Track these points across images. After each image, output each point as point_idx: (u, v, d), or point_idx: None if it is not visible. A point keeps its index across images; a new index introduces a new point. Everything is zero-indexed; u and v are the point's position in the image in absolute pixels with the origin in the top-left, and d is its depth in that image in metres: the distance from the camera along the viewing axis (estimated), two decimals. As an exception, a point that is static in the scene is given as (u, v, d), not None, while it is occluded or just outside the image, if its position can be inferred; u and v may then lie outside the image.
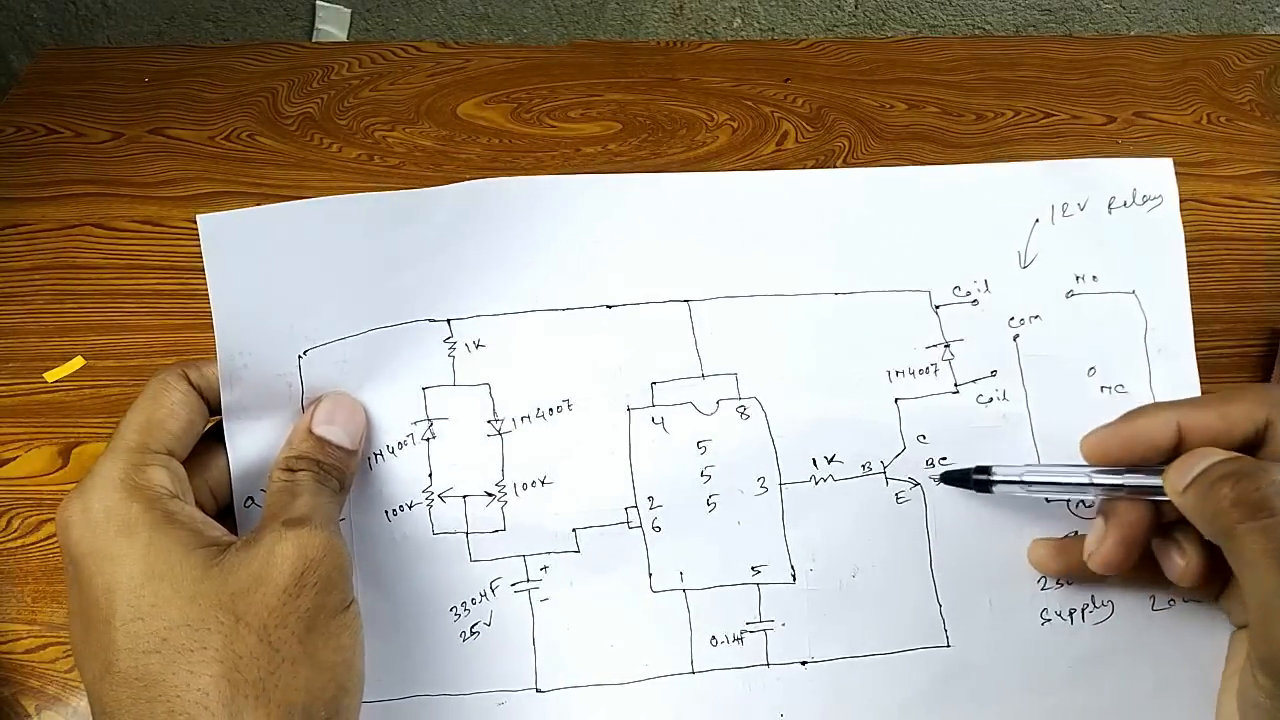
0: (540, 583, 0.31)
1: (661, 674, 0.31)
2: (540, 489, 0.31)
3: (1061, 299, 0.34)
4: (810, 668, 0.31)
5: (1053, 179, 0.34)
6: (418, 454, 0.31)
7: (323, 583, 0.25)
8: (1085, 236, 0.34)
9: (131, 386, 0.48)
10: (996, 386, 0.34)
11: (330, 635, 0.25)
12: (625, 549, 0.31)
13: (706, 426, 0.32)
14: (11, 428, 0.46)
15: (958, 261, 0.34)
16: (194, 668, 0.22)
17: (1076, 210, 0.35)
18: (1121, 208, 0.35)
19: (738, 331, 0.33)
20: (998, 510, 0.33)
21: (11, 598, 0.41)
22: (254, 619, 0.23)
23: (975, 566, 0.33)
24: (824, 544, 0.32)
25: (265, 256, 0.29)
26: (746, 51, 0.65)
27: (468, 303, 0.32)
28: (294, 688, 0.23)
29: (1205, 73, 0.64)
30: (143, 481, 0.25)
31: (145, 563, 0.24)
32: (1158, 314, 0.35)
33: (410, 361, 0.31)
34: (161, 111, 0.61)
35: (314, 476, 0.27)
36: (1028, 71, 0.64)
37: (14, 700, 0.39)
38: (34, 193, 0.56)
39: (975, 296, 0.34)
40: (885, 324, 0.34)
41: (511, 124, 0.61)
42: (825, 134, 0.60)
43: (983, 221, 0.34)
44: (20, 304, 0.51)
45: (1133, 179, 0.34)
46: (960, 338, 0.34)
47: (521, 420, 0.32)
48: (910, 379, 0.34)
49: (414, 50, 0.65)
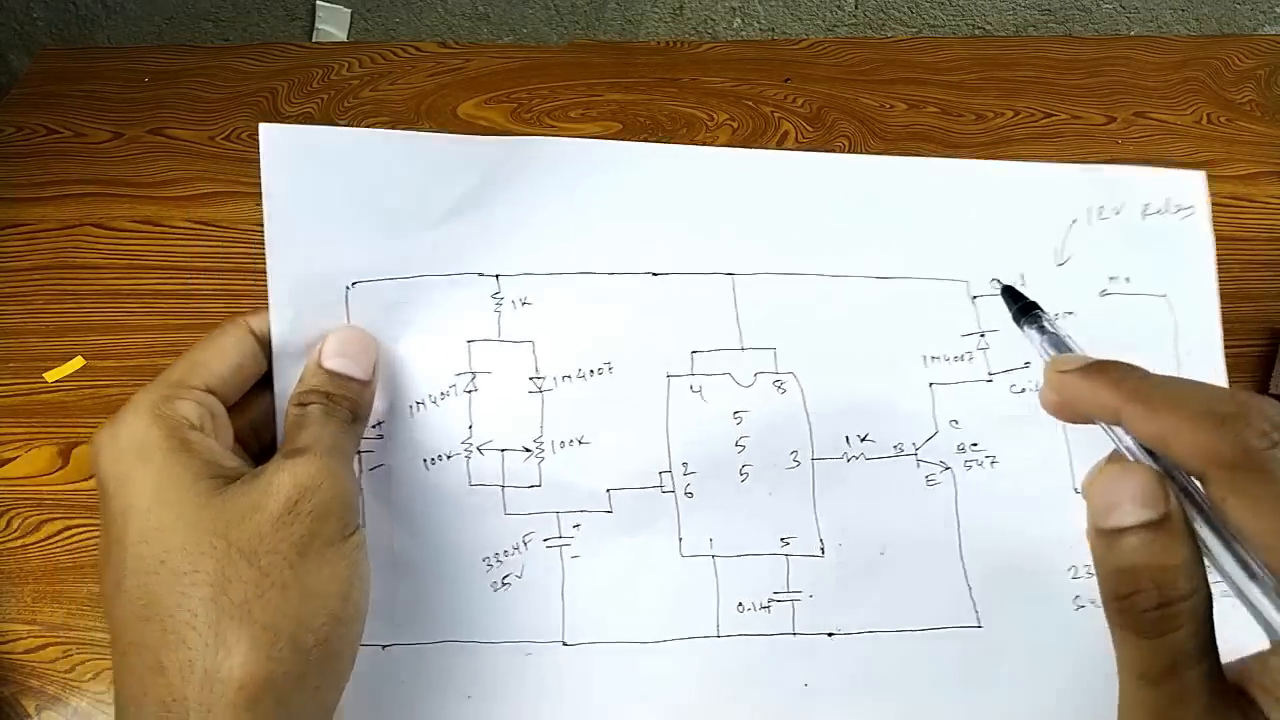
0: (572, 540, 0.32)
1: (687, 635, 0.32)
2: (577, 448, 0.32)
3: (1095, 297, 0.35)
4: (836, 639, 0.32)
5: (1091, 182, 0.35)
6: (459, 405, 0.32)
7: (319, 510, 0.25)
8: (1120, 239, 0.35)
9: (132, 386, 0.48)
10: (1030, 377, 0.34)
11: (325, 563, 0.25)
12: (657, 512, 0.32)
13: (743, 398, 0.33)
14: (11, 428, 0.46)
15: (996, 254, 0.35)
16: (186, 590, 0.23)
17: (1112, 214, 0.35)
18: (1155, 214, 0.35)
19: (778, 307, 0.33)
20: (1026, 497, 0.33)
21: (11, 598, 0.41)
22: (245, 544, 0.24)
23: (1005, 552, 0.33)
24: (854, 521, 0.32)
25: (323, 179, 0.30)
26: (746, 51, 0.65)
27: (517, 260, 0.32)
28: (281, 612, 0.23)
29: (1205, 73, 0.64)
30: (168, 412, 0.26)
31: (155, 488, 0.25)
32: (1188, 319, 0.35)
33: (457, 313, 0.32)
34: (161, 111, 0.61)
35: (323, 409, 0.28)
36: (1028, 71, 0.64)
37: (14, 700, 0.39)
38: (34, 193, 0.56)
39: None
40: (923, 310, 0.34)
41: (511, 124, 0.61)
42: (825, 134, 0.60)
43: (1022, 217, 0.35)
44: (20, 304, 0.51)
45: (1166, 188, 0.35)
46: (995, 328, 0.34)
47: (563, 379, 0.32)
48: (945, 364, 0.34)
49: (414, 50, 0.65)
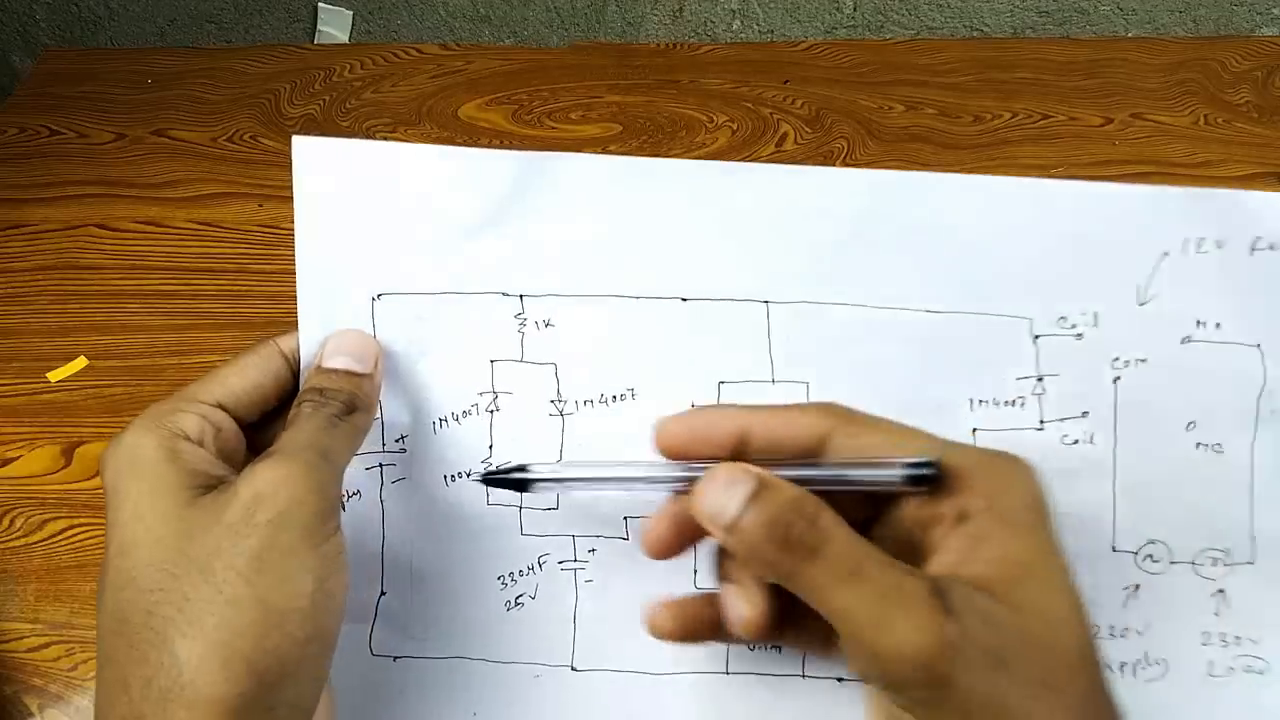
0: (587, 564, 0.32)
1: (696, 670, 0.31)
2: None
3: (1176, 344, 0.32)
4: (846, 685, 0.31)
5: (1194, 207, 0.31)
6: (480, 424, 0.31)
7: (277, 519, 0.23)
8: (1217, 277, 0.31)
9: (134, 386, 0.48)
10: (1085, 429, 0.32)
11: (285, 577, 0.23)
12: None
13: None
14: (14, 427, 0.46)
15: (1067, 289, 0.31)
16: (150, 607, 0.23)
17: (1213, 247, 0.31)
18: (1266, 250, 0.31)
19: (815, 339, 0.31)
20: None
21: (14, 596, 0.41)
22: (202, 558, 0.23)
23: None
24: None
25: (354, 191, 0.30)
26: (746, 53, 0.66)
27: (542, 280, 0.31)
28: (233, 630, 0.22)
29: (1202, 74, 0.64)
30: (166, 424, 0.26)
31: (137, 501, 0.24)
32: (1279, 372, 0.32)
33: (481, 332, 0.31)
34: (164, 113, 0.61)
35: (312, 406, 0.27)
36: (1025, 73, 0.64)
37: (17, 699, 0.39)
38: (37, 193, 0.57)
39: (1081, 330, 0.32)
40: (976, 349, 0.31)
41: (512, 125, 0.61)
42: (824, 135, 0.60)
43: (1103, 248, 0.31)
44: (23, 304, 0.51)
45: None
46: (1056, 372, 0.32)
47: (584, 404, 0.32)
48: (993, 409, 0.32)
49: (415, 52, 0.66)
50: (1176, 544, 0.32)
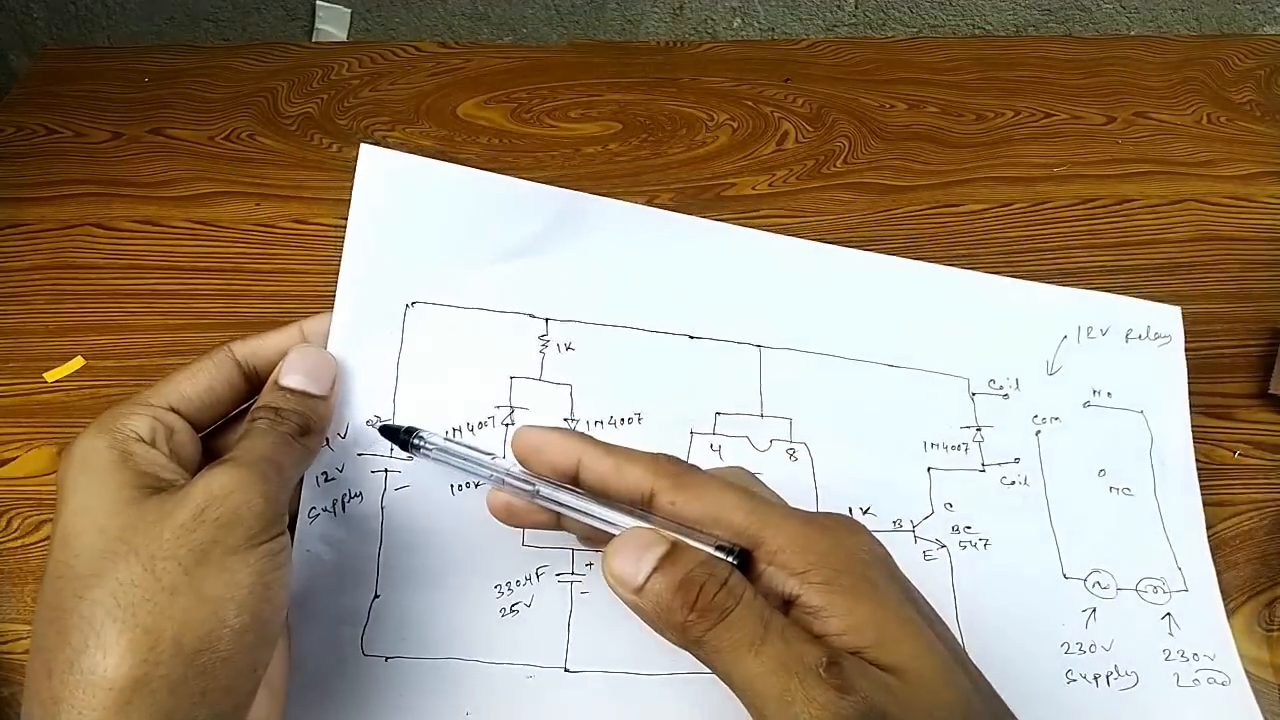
0: (584, 577, 0.33)
1: (688, 670, 0.32)
2: None
3: (1080, 407, 0.39)
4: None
5: (1082, 306, 0.40)
6: (495, 436, 0.33)
7: (224, 518, 0.24)
8: (1105, 358, 0.39)
9: (131, 386, 0.48)
10: (1019, 472, 0.37)
11: (225, 570, 0.24)
12: None
13: (758, 461, 0.35)
14: (11, 428, 0.46)
15: (995, 359, 0.39)
16: (83, 593, 0.23)
17: (1099, 334, 0.40)
18: (1137, 340, 0.40)
19: (798, 381, 0.36)
20: (1018, 576, 0.36)
21: (11, 598, 0.41)
22: (145, 550, 0.24)
23: (998, 627, 0.34)
24: None
25: (406, 202, 0.32)
26: (747, 51, 0.65)
27: (567, 307, 0.34)
28: (166, 615, 0.23)
29: (1205, 73, 0.64)
30: (118, 425, 0.26)
31: (84, 498, 0.25)
32: (1162, 432, 0.39)
33: (504, 348, 0.33)
34: (161, 111, 0.61)
35: (268, 423, 0.28)
36: (1028, 71, 0.64)
37: (14, 700, 0.39)
38: (34, 193, 0.56)
39: (1006, 391, 0.39)
40: (926, 399, 0.37)
41: (511, 124, 0.61)
42: (825, 134, 0.60)
43: (1020, 329, 0.39)
44: (20, 304, 0.51)
45: (1147, 318, 0.40)
46: (990, 424, 0.38)
47: (595, 424, 0.34)
48: (943, 452, 0.37)
49: (414, 50, 0.65)
50: (1118, 573, 0.37)
